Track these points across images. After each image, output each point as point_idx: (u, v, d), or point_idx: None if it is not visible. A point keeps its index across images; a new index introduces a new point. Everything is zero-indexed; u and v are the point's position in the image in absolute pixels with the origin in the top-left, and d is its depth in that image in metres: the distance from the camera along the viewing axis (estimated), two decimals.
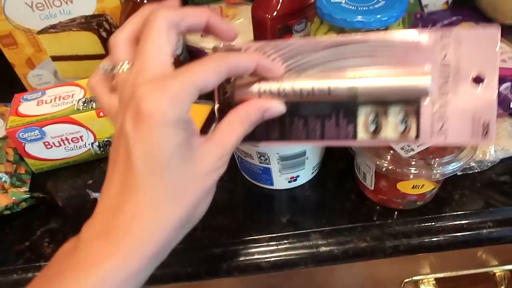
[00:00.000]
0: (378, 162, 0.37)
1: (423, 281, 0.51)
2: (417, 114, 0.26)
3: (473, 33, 0.25)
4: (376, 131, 0.28)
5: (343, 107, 0.28)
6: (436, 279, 0.51)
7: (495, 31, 0.24)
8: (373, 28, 0.40)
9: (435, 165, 0.36)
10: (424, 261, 0.50)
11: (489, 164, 0.43)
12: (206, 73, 0.24)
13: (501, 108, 0.48)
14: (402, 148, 0.37)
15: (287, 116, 0.29)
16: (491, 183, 0.44)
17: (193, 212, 0.25)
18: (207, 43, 0.60)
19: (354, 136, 0.28)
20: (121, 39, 0.26)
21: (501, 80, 0.50)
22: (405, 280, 0.51)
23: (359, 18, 0.39)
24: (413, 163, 0.36)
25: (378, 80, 0.27)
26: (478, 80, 0.25)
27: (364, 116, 0.28)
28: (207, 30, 0.28)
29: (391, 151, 0.37)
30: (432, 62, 0.26)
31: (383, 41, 0.27)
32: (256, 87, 0.28)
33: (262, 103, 0.28)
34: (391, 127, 0.27)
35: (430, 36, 0.26)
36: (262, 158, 0.41)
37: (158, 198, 0.23)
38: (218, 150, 0.26)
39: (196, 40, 0.61)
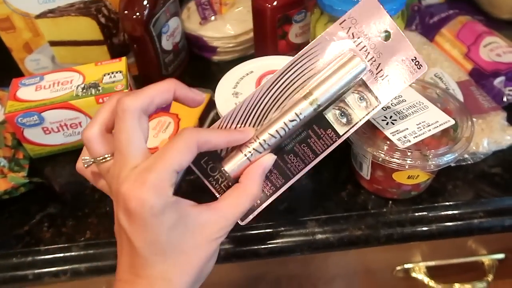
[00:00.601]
0: (375, 153, 0.37)
1: (414, 268, 0.52)
2: (367, 87, 0.32)
3: (357, 6, 0.31)
4: (349, 119, 0.32)
5: (313, 123, 0.32)
6: (427, 267, 0.52)
7: None
8: None
9: (431, 156, 0.36)
10: (415, 249, 0.51)
11: (481, 156, 0.44)
12: (180, 156, 0.26)
13: (495, 101, 0.49)
14: (398, 139, 0.37)
15: (279, 160, 0.32)
16: (483, 175, 0.45)
17: (200, 275, 0.28)
18: (206, 31, 0.60)
19: (337, 135, 0.32)
20: (94, 134, 0.28)
21: (495, 74, 0.51)
22: (397, 268, 0.52)
23: None
24: (409, 154, 0.37)
25: (326, 82, 0.31)
26: (386, 34, 0.31)
27: (332, 116, 0.32)
28: (175, 100, 0.29)
29: (388, 142, 0.38)
30: (348, 46, 0.31)
31: (305, 54, 0.31)
32: (242, 154, 0.30)
33: (256, 166, 0.30)
34: (357, 109, 0.32)
35: (332, 30, 0.31)
36: None
37: (167, 271, 0.26)
38: (219, 223, 0.28)
39: (195, 28, 0.61)
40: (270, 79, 0.31)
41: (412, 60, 0.32)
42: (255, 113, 0.31)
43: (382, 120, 0.39)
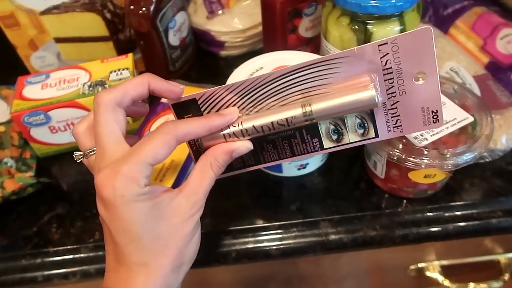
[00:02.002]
0: (390, 151, 0.36)
1: (429, 267, 0.51)
2: (372, 118, 0.29)
3: (407, 35, 0.26)
4: (339, 138, 0.31)
5: (305, 127, 0.30)
6: (441, 266, 0.51)
7: (427, 30, 0.25)
8: (388, 13, 0.39)
9: (448, 155, 0.35)
10: (430, 248, 0.50)
11: (500, 153, 0.43)
12: (154, 149, 0.27)
13: None
14: (415, 137, 0.36)
15: (257, 144, 0.31)
16: (501, 172, 0.43)
17: (181, 256, 0.28)
18: (213, 25, 0.59)
19: (321, 146, 0.31)
20: (81, 129, 0.30)
21: None
22: (411, 267, 0.51)
23: (373, 2, 0.38)
24: (426, 152, 0.36)
25: (330, 100, 0.29)
26: (421, 76, 0.27)
27: (325, 128, 0.30)
28: (152, 93, 0.30)
29: (404, 140, 0.36)
30: (374, 72, 0.28)
31: (327, 62, 0.28)
32: (221, 134, 0.30)
33: (228, 146, 0.30)
34: (352, 133, 0.30)
35: (368, 49, 0.27)
36: None
37: (144, 256, 0.27)
38: (190, 199, 0.28)
39: (202, 22, 0.59)
40: (284, 69, 0.29)
41: (432, 112, 0.28)
42: (255, 95, 0.30)
43: None
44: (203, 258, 0.40)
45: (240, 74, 0.44)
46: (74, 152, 0.31)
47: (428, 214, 0.41)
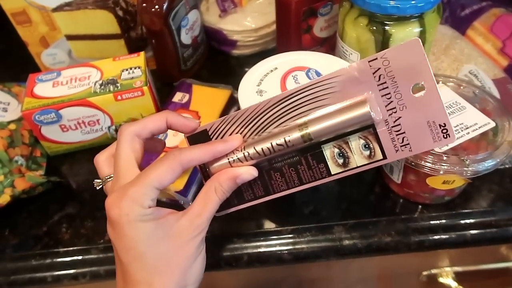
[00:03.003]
0: (409, 157, 0.35)
1: (442, 274, 0.50)
2: (376, 137, 0.28)
3: (397, 48, 0.26)
4: (346, 162, 0.30)
5: (308, 151, 0.30)
6: (455, 272, 0.50)
7: (416, 41, 0.25)
8: (408, 15, 0.38)
9: (468, 161, 0.34)
10: (443, 254, 0.49)
11: None
12: (160, 175, 0.28)
13: None
14: None
15: (265, 173, 0.32)
16: None
17: (185, 277, 0.29)
18: (225, 24, 0.58)
19: (328, 172, 0.31)
20: (101, 158, 0.33)
21: None
22: (423, 273, 0.50)
23: (393, 3, 0.37)
24: (445, 158, 0.35)
25: (326, 120, 0.29)
26: (419, 88, 0.26)
27: (330, 152, 0.30)
28: (170, 128, 0.32)
29: None
30: (369, 88, 0.27)
31: (321, 83, 0.29)
32: (225, 159, 0.31)
33: (232, 172, 0.31)
34: (358, 155, 0.29)
35: (359, 66, 0.27)
36: None
37: (147, 275, 0.28)
38: (194, 222, 0.29)
39: (214, 21, 0.59)
40: (282, 94, 0.30)
41: (440, 126, 0.27)
42: (257, 122, 0.31)
43: None
44: (215, 261, 0.40)
45: (254, 75, 0.43)
46: (95, 180, 0.33)
47: (445, 220, 0.40)
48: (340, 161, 0.30)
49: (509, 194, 0.41)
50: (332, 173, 0.31)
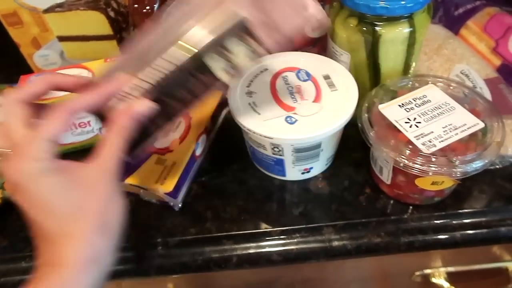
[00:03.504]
0: (397, 158, 0.35)
1: (434, 274, 0.50)
2: (251, 35, 0.30)
3: None
4: (234, 68, 0.32)
5: (195, 69, 0.31)
6: (447, 272, 0.50)
7: None
8: (397, 15, 0.38)
9: (457, 162, 0.34)
10: (436, 254, 0.49)
11: (510, 160, 0.42)
12: (50, 127, 0.28)
13: None
14: (423, 144, 0.35)
15: (163, 101, 0.32)
16: None
17: (103, 218, 0.29)
18: None
19: (219, 79, 0.32)
20: None
21: None
22: (416, 273, 0.50)
23: (382, 4, 0.37)
24: (434, 159, 0.34)
25: (201, 30, 0.30)
26: None
27: (215, 63, 0.31)
28: (57, 89, 0.32)
29: (411, 146, 0.35)
30: None
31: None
32: (120, 102, 0.32)
33: (127, 109, 0.31)
34: (241, 56, 0.31)
35: None
36: (276, 149, 0.39)
37: (63, 225, 0.28)
38: (101, 166, 0.30)
39: None
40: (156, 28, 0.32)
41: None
42: (143, 61, 0.32)
43: (405, 122, 0.37)
44: (204, 263, 0.40)
45: (244, 76, 0.43)
46: None
47: (435, 221, 0.40)
48: (229, 69, 0.32)
49: (500, 195, 0.41)
50: (224, 80, 0.32)
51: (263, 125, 0.38)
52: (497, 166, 0.42)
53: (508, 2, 0.61)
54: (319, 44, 0.53)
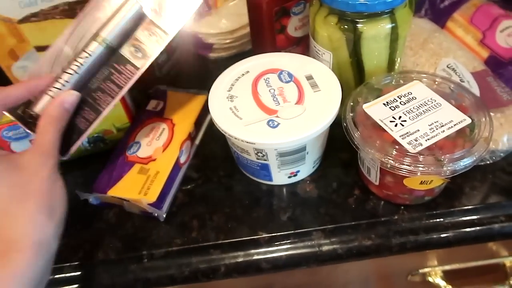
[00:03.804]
0: (383, 159, 0.34)
1: (430, 273, 0.49)
2: (154, 24, 0.36)
3: None
4: (144, 54, 0.36)
5: (113, 60, 0.37)
6: (443, 271, 0.49)
7: None
8: (378, 11, 0.37)
9: (446, 161, 0.33)
10: (431, 253, 0.48)
11: (501, 154, 0.41)
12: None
13: None
14: (409, 143, 0.34)
15: (88, 98, 0.37)
16: (504, 175, 0.41)
17: (47, 199, 0.30)
18: (200, 27, 0.57)
19: (136, 68, 0.37)
20: None
21: None
22: (412, 273, 0.49)
23: (362, 0, 0.36)
24: (421, 159, 0.33)
25: (112, 25, 0.36)
26: None
27: (128, 52, 0.37)
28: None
29: (397, 146, 0.34)
30: None
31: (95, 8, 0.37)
32: (47, 97, 0.36)
33: (55, 100, 0.34)
34: (150, 44, 0.36)
35: None
36: (259, 154, 0.38)
37: (6, 206, 0.28)
38: (38, 152, 0.31)
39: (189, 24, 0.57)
40: (68, 30, 0.38)
41: None
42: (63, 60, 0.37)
43: (390, 121, 0.36)
44: (191, 274, 0.38)
45: (225, 80, 0.42)
46: None
47: (427, 221, 0.39)
48: (139, 54, 0.36)
49: (492, 191, 0.40)
50: (139, 66, 0.37)
51: (244, 130, 0.36)
52: (488, 162, 0.41)
53: None
54: (302, 43, 0.51)
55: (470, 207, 0.39)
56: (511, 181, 0.41)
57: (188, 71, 0.58)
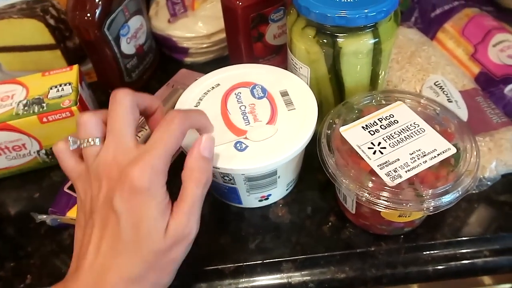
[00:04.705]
0: (358, 192, 0.31)
1: None
2: None
3: None
4: None
5: None
6: None
7: None
8: (359, 25, 0.33)
9: (427, 197, 0.30)
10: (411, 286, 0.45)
11: (488, 183, 0.38)
12: (175, 139, 0.28)
13: (505, 112, 0.42)
14: (387, 174, 0.31)
15: None
16: (491, 204, 0.38)
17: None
18: (174, 30, 0.53)
19: None
20: (93, 118, 0.29)
21: (506, 80, 0.44)
22: None
23: (341, 13, 0.32)
24: (400, 194, 0.30)
25: None
26: None
27: None
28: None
29: (373, 178, 0.31)
30: None
31: None
32: None
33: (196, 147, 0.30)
34: None
35: None
36: (226, 178, 0.35)
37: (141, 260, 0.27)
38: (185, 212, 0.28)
39: (163, 27, 0.53)
40: None
41: None
42: None
43: (369, 148, 0.33)
44: None
45: (193, 93, 0.38)
46: (70, 136, 0.30)
47: (405, 254, 0.36)
48: None
49: (477, 223, 0.37)
50: None
51: None
52: (474, 191, 0.38)
53: (489, 2, 0.57)
54: (282, 52, 0.48)
55: (452, 239, 0.36)
56: (498, 212, 0.38)
57: (161, 77, 0.55)
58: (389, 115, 0.35)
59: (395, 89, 0.43)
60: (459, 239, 0.36)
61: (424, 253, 0.36)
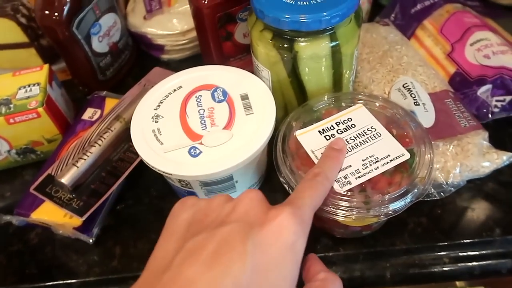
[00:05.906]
0: None
1: None
2: None
3: None
4: None
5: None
6: None
7: None
8: (314, 29, 0.32)
9: (372, 204, 0.29)
10: None
11: (452, 189, 0.37)
12: (320, 198, 0.27)
13: (479, 115, 0.42)
14: (337, 181, 0.30)
15: (107, 166, 0.40)
16: (454, 211, 0.38)
17: None
18: (149, 27, 0.53)
19: None
20: None
21: (480, 81, 0.42)
22: None
23: (295, 17, 0.32)
24: (347, 200, 0.30)
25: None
26: None
27: None
28: None
29: None
30: None
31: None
32: (73, 168, 0.38)
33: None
34: None
35: None
36: (182, 183, 0.35)
37: None
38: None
39: (138, 24, 0.53)
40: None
41: None
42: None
43: (322, 153, 0.32)
44: None
45: (153, 96, 0.38)
46: None
47: (363, 259, 0.36)
48: None
49: (438, 229, 0.37)
50: None
51: (162, 158, 0.33)
52: (435, 198, 0.37)
53: None
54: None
55: (411, 246, 0.36)
56: (460, 217, 0.37)
57: (139, 73, 0.54)
58: (347, 119, 0.34)
59: (358, 91, 0.42)
60: (419, 245, 0.36)
61: (382, 259, 0.36)
